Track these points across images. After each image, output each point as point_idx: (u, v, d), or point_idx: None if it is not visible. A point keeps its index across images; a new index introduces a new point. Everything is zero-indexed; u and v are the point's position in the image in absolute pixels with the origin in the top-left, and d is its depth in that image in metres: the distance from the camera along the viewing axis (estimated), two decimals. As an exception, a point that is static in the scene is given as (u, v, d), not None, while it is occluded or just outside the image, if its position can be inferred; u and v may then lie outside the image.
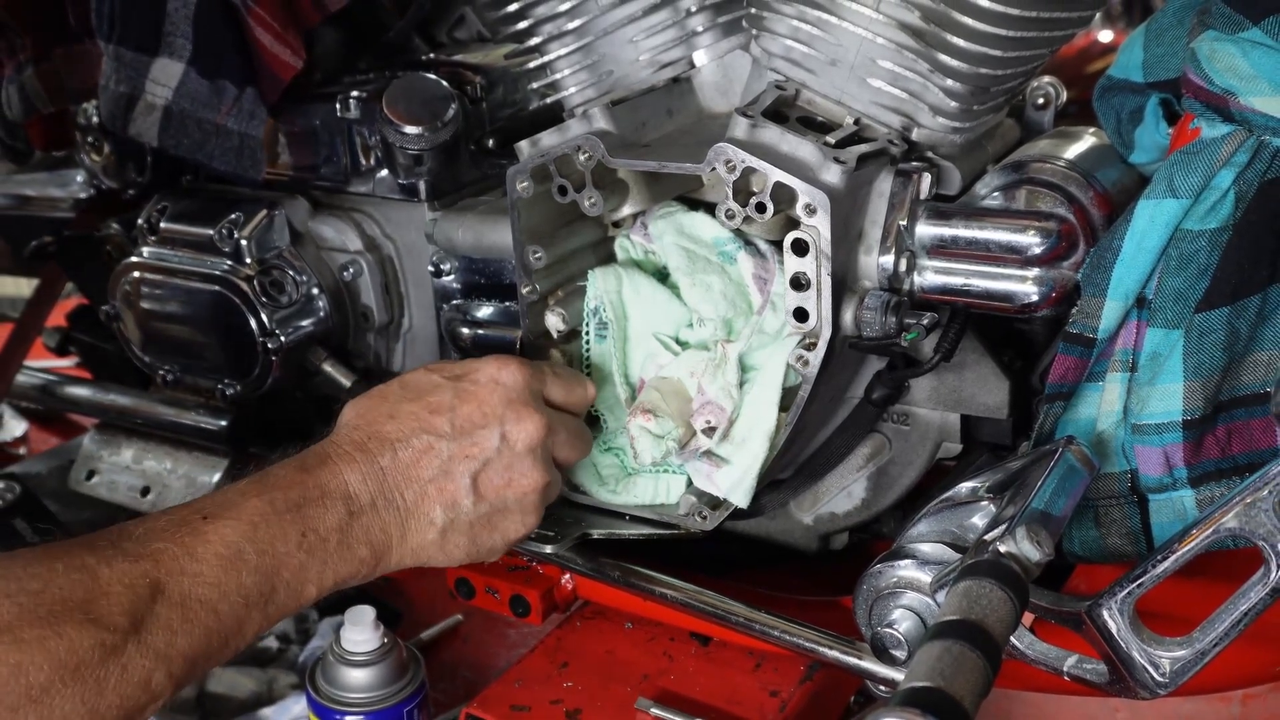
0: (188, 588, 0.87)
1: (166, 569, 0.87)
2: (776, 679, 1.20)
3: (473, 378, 1.04)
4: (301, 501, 0.95)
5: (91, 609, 0.82)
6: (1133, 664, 0.87)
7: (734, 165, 0.99)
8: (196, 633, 0.87)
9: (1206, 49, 0.94)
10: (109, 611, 0.82)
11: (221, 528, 0.91)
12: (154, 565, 0.86)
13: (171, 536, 0.89)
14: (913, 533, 0.97)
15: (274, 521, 0.93)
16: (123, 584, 0.84)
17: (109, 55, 1.37)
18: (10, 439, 2.13)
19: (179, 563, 0.88)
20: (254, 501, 0.93)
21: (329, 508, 0.96)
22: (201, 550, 0.89)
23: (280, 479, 0.96)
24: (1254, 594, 0.83)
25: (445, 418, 1.02)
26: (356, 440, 1.00)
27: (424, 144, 1.29)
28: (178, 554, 0.88)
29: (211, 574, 0.89)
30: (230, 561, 0.90)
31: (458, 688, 1.52)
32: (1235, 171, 0.93)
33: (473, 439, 1.01)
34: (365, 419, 1.02)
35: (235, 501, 0.93)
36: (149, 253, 1.46)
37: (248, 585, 0.90)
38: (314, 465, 0.98)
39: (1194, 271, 0.95)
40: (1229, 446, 0.96)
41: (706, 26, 1.12)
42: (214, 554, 0.89)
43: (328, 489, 0.96)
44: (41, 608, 0.80)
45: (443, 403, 1.02)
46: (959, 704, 0.70)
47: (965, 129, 1.06)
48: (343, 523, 0.96)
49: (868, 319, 1.03)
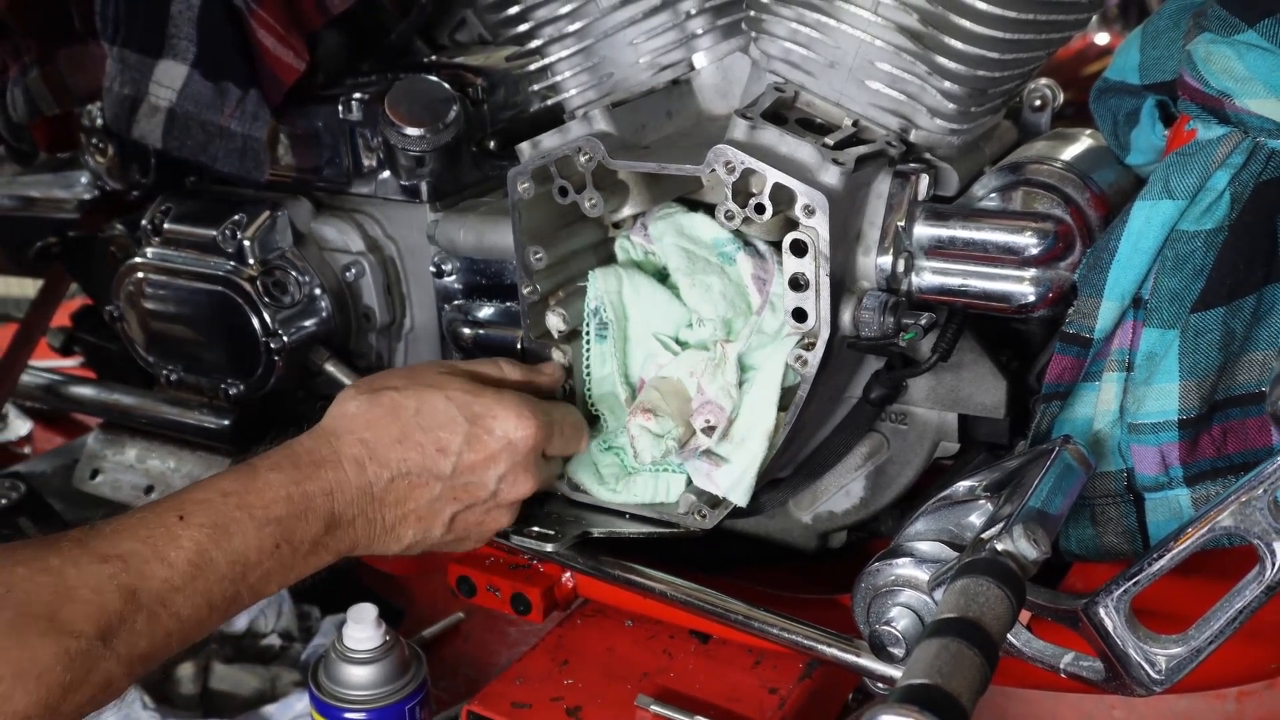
0: (156, 592, 0.86)
1: (136, 572, 0.85)
2: (775, 676, 1.20)
3: (488, 426, 1.03)
4: (284, 516, 0.94)
5: (57, 616, 0.80)
6: (1129, 661, 0.87)
7: (733, 167, 0.99)
8: (159, 635, 0.87)
9: (1202, 51, 0.94)
10: (75, 618, 0.81)
11: (196, 533, 0.89)
12: (123, 567, 0.85)
13: (144, 538, 0.87)
14: (910, 531, 0.97)
15: (251, 533, 0.92)
16: (90, 588, 0.82)
17: (113, 57, 1.37)
18: (15, 438, 2.13)
19: (149, 566, 0.86)
20: (234, 510, 0.92)
21: (310, 522, 0.96)
22: (173, 555, 0.88)
23: (269, 486, 0.95)
24: (1249, 592, 0.83)
25: (451, 461, 1.02)
26: (357, 457, 0.99)
27: (426, 145, 1.29)
28: (148, 557, 0.86)
29: (180, 579, 0.87)
30: (200, 569, 0.89)
31: (459, 685, 1.51)
32: (1231, 173, 0.93)
33: (467, 486, 1.04)
34: (372, 431, 1.01)
35: (215, 504, 0.92)
36: (153, 253, 1.46)
37: (214, 591, 0.90)
38: (307, 476, 0.97)
39: (1190, 272, 0.95)
40: (1224, 445, 0.97)
41: (706, 29, 1.13)
42: (185, 560, 0.88)
43: (313, 504, 0.96)
44: (4, 613, 0.78)
45: (452, 445, 1.02)
46: (957, 701, 0.70)
47: (963, 131, 1.06)
48: (319, 536, 0.97)
49: (866, 319, 1.03)
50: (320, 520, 0.96)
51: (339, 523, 0.98)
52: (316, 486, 0.96)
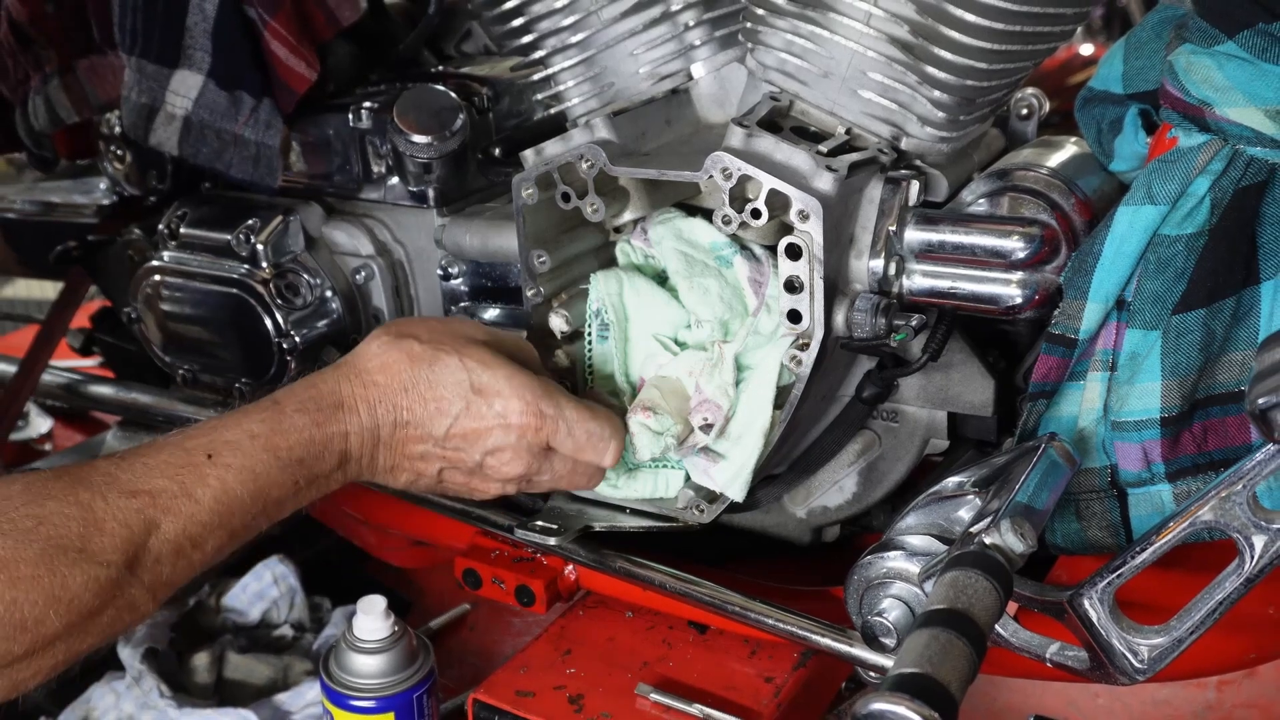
0: (182, 527, 0.88)
1: (163, 507, 0.87)
2: (771, 666, 1.20)
3: (489, 401, 1.01)
4: (306, 458, 0.96)
5: (87, 545, 0.82)
6: (1113, 651, 0.87)
7: (730, 173, 0.99)
8: (182, 565, 0.89)
9: (1184, 62, 0.94)
10: (104, 548, 0.83)
11: (224, 473, 0.91)
12: (150, 502, 0.86)
13: (173, 475, 0.89)
14: (901, 525, 0.97)
15: (275, 471, 0.94)
16: (118, 520, 0.84)
17: (131, 68, 1.37)
18: (36, 435, 2.13)
19: (176, 502, 0.88)
20: (261, 452, 0.93)
21: (327, 460, 0.98)
22: (200, 493, 0.89)
23: (293, 428, 0.96)
24: (1229, 584, 0.83)
25: (445, 423, 1.01)
26: (368, 399, 1.00)
27: (433, 153, 1.29)
28: (176, 493, 0.88)
29: (206, 515, 0.89)
30: (226, 505, 0.90)
31: (465, 674, 1.52)
32: (1211, 179, 0.93)
33: (456, 450, 1.03)
34: (385, 375, 1.01)
35: (243, 446, 0.93)
36: (169, 257, 1.46)
37: (236, 524, 0.92)
38: (328, 415, 0.98)
39: (1171, 275, 0.95)
40: (1205, 443, 0.96)
41: (704, 40, 1.12)
42: (211, 497, 0.90)
43: (331, 444, 0.98)
44: (36, 544, 0.80)
45: (450, 409, 1.01)
46: (946, 689, 0.70)
47: (952, 138, 1.06)
48: (332, 470, 0.99)
49: (858, 320, 1.03)
50: (335, 457, 0.98)
51: (349, 458, 1.00)
52: (335, 429, 0.98)
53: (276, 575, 1.62)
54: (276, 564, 1.63)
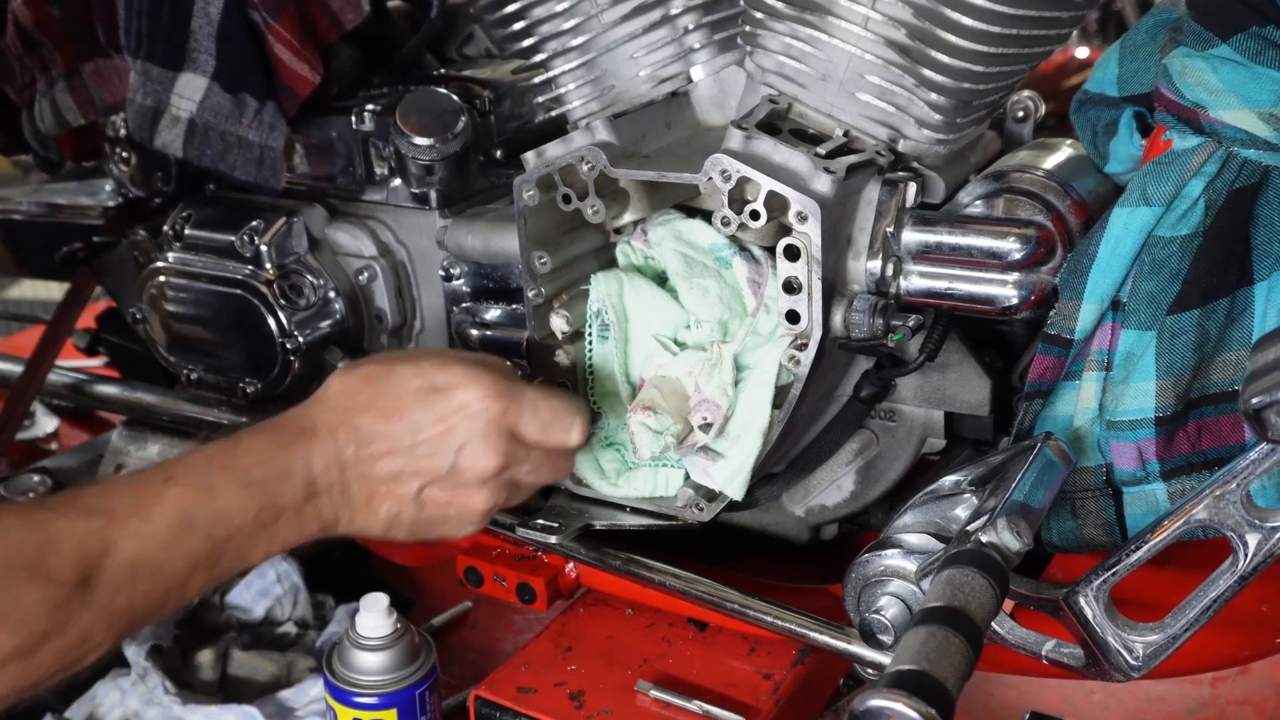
0: (138, 547, 0.85)
1: (119, 528, 0.85)
2: (769, 662, 1.20)
3: (449, 396, 0.99)
4: (265, 479, 0.93)
5: (41, 564, 0.80)
6: (1108, 648, 0.87)
7: (729, 175, 0.99)
8: (139, 590, 0.86)
9: (1178, 64, 0.94)
10: (58, 566, 0.81)
11: (181, 493, 0.89)
12: (107, 522, 0.85)
13: (128, 496, 0.88)
14: (899, 524, 0.97)
15: (235, 493, 0.91)
16: (74, 538, 0.83)
17: (136, 70, 1.37)
18: (42, 435, 2.13)
19: (132, 520, 0.86)
20: (218, 472, 0.91)
21: (290, 487, 0.94)
22: (156, 512, 0.87)
23: (251, 450, 0.94)
24: (1223, 582, 0.83)
25: (408, 430, 0.98)
26: (331, 424, 0.98)
27: (435, 155, 1.29)
28: (132, 512, 0.86)
29: (163, 535, 0.87)
30: (183, 526, 0.88)
31: (467, 671, 1.51)
32: (1205, 181, 0.93)
33: (428, 457, 0.99)
34: (347, 399, 0.99)
35: (200, 467, 0.91)
36: (174, 258, 1.46)
37: (196, 550, 0.89)
38: (288, 440, 0.95)
39: (1166, 276, 0.95)
40: (1199, 442, 0.96)
41: (703, 43, 1.12)
42: (167, 517, 0.87)
43: (293, 469, 0.95)
44: None
45: (409, 414, 0.98)
46: (943, 686, 0.70)
47: (949, 141, 1.06)
48: (300, 502, 0.95)
49: (856, 321, 1.03)
50: (300, 486, 0.95)
51: (318, 490, 0.96)
52: (295, 452, 0.95)
53: (280, 573, 1.62)
54: (280, 561, 1.63)
